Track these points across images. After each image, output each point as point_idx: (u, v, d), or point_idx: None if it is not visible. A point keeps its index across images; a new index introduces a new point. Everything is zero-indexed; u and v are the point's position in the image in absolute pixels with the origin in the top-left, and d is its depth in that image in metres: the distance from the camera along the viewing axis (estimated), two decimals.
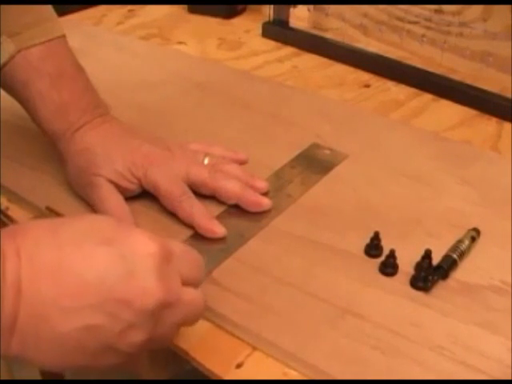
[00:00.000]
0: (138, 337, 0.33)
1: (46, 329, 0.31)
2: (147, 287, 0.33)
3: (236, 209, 0.51)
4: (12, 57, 0.51)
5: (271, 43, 0.87)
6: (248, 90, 0.72)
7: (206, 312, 0.43)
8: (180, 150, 0.54)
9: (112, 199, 0.50)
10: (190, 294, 0.36)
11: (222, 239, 0.48)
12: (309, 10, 0.86)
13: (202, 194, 0.52)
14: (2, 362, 0.79)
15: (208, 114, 0.67)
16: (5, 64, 0.51)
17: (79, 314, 0.31)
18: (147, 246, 0.34)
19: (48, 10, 0.55)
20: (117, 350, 0.33)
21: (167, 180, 0.50)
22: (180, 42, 0.87)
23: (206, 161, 0.53)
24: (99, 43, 0.85)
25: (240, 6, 0.96)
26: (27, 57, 0.52)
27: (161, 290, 0.33)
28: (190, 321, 0.37)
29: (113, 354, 0.34)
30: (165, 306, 0.33)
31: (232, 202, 0.51)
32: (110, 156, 0.51)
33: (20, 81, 0.52)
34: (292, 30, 0.86)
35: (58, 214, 0.49)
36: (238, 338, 0.41)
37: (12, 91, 0.54)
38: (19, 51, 0.51)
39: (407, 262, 0.46)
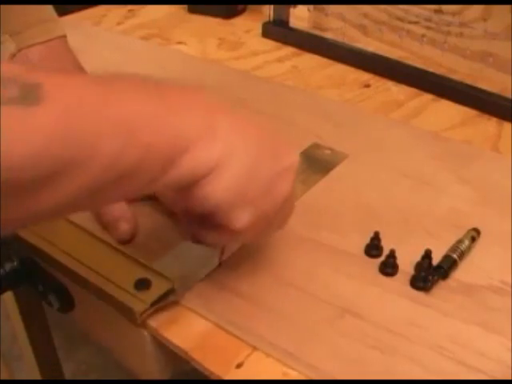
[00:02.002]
0: (288, 185, 0.40)
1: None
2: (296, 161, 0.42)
3: None
4: (13, 56, 0.51)
5: (271, 43, 0.87)
6: (248, 90, 0.72)
7: (206, 312, 0.43)
8: None
9: None
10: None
11: None
12: (309, 10, 0.86)
13: None
14: (2, 362, 0.79)
15: None
16: None
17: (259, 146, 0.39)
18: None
19: (49, 9, 0.55)
20: (275, 189, 0.39)
21: None
22: (180, 42, 0.87)
23: None
24: (99, 43, 0.85)
25: (240, 6, 0.96)
26: (28, 56, 0.52)
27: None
28: (288, 209, 0.43)
29: (279, 187, 0.40)
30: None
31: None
32: None
33: None
34: (292, 29, 0.86)
35: None
36: (238, 337, 0.41)
37: None
38: (20, 50, 0.51)
39: (407, 262, 0.46)
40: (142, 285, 0.43)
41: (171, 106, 0.35)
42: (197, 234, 0.42)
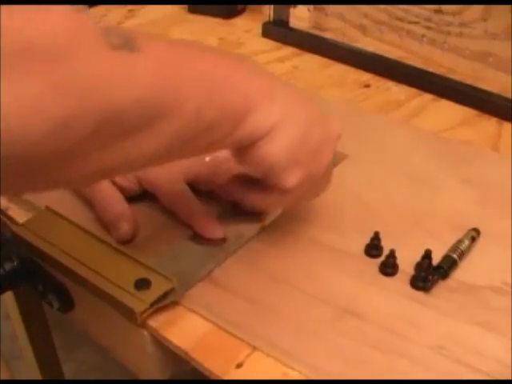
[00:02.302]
0: (331, 152, 0.44)
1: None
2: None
3: (236, 209, 0.51)
4: None
5: (271, 43, 0.86)
6: None
7: (205, 312, 0.43)
8: None
9: (113, 198, 0.50)
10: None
11: (221, 239, 0.48)
12: (309, 10, 0.86)
13: (202, 193, 0.52)
14: (2, 362, 0.79)
15: None
16: None
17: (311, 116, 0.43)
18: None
19: None
20: (321, 154, 0.43)
21: (167, 180, 0.50)
22: None
23: (207, 159, 0.53)
24: None
25: (240, 6, 0.96)
26: None
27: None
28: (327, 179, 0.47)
29: (325, 153, 0.43)
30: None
31: (231, 199, 0.51)
32: None
33: None
34: (292, 30, 0.86)
35: (57, 214, 0.49)
36: (237, 338, 0.41)
37: None
38: None
39: (407, 262, 0.46)
40: (142, 285, 0.43)
41: (238, 69, 0.39)
42: (245, 198, 0.46)
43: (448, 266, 0.46)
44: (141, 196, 0.52)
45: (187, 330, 0.42)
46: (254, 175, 0.44)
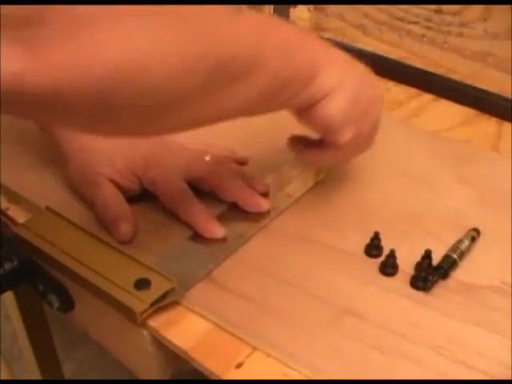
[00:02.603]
0: (378, 110, 0.49)
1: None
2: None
3: (236, 209, 0.51)
4: None
5: None
6: None
7: (205, 312, 0.43)
8: (180, 148, 0.54)
9: (113, 198, 0.50)
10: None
11: (221, 239, 0.48)
12: (309, 10, 0.86)
13: (202, 193, 0.52)
14: (2, 362, 0.79)
15: None
16: None
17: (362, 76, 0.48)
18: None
19: None
20: (371, 112, 0.48)
21: (167, 179, 0.50)
22: None
23: (207, 159, 0.54)
24: None
25: None
26: None
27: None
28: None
29: (373, 110, 0.48)
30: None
31: (231, 199, 0.51)
32: (110, 155, 0.51)
33: None
34: None
35: (57, 214, 0.49)
36: (238, 337, 0.41)
37: None
38: None
39: (407, 262, 0.46)
40: (142, 285, 0.43)
41: (305, 37, 0.44)
42: (302, 155, 0.51)
43: (448, 266, 0.46)
44: (141, 196, 0.52)
45: (187, 330, 0.42)
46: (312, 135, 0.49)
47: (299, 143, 0.51)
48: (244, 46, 0.37)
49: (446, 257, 0.46)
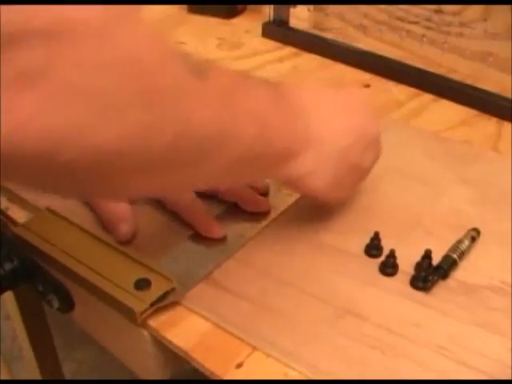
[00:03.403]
0: (373, 155, 0.48)
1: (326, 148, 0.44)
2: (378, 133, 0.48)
3: (236, 209, 0.51)
4: None
5: (271, 43, 0.86)
6: None
7: (206, 312, 0.43)
8: None
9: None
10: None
11: (221, 239, 0.48)
12: (309, 9, 0.86)
13: (202, 193, 0.52)
14: (2, 362, 0.79)
15: None
16: None
17: (346, 136, 0.45)
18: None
19: None
20: (363, 163, 0.47)
21: None
22: (180, 42, 0.87)
23: None
24: None
25: (240, 6, 0.96)
26: None
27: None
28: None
29: (367, 159, 0.47)
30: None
31: (231, 199, 0.51)
32: None
33: None
34: (292, 30, 0.86)
35: (58, 215, 0.49)
36: (238, 337, 0.41)
37: None
38: None
39: (407, 262, 0.46)
40: (142, 285, 0.43)
41: (282, 111, 0.41)
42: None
43: (448, 266, 0.46)
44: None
45: (187, 330, 0.42)
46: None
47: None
48: (211, 120, 0.34)
49: (446, 257, 0.46)
